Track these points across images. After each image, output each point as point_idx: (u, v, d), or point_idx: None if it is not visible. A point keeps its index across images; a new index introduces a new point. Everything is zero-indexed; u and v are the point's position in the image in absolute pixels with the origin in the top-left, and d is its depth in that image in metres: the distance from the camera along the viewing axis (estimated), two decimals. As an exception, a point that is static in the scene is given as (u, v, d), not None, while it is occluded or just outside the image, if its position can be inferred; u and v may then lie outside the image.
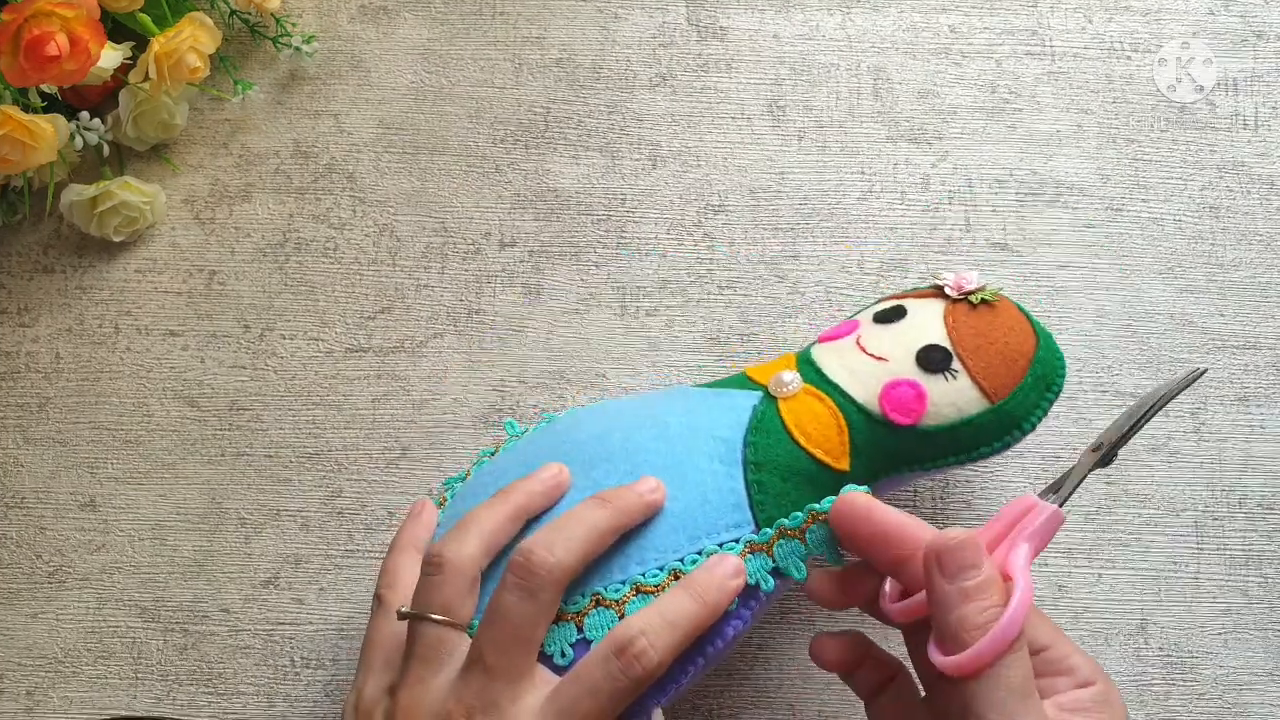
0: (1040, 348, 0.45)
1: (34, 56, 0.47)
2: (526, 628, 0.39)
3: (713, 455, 0.43)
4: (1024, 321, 0.46)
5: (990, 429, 0.44)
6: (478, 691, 0.38)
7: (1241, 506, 0.52)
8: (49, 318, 0.55)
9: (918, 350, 0.45)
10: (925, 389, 0.44)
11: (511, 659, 0.39)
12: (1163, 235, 0.55)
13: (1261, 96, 0.57)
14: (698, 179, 0.56)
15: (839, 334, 0.47)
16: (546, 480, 0.43)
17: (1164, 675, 0.51)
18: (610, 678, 0.38)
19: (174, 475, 0.54)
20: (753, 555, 0.41)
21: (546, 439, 0.46)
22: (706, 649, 0.41)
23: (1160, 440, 0.53)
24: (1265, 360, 0.54)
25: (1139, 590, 0.52)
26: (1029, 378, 0.45)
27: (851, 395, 0.44)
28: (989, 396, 0.44)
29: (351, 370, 0.55)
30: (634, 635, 0.38)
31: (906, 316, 0.46)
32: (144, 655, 0.52)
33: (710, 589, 0.40)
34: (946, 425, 0.44)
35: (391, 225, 0.56)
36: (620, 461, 0.43)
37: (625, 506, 0.41)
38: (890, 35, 0.58)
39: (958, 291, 0.46)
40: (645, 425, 0.45)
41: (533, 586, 0.39)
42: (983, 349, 0.45)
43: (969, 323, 0.45)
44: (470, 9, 0.58)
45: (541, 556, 0.39)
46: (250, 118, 0.57)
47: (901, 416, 0.44)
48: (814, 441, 0.43)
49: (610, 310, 0.55)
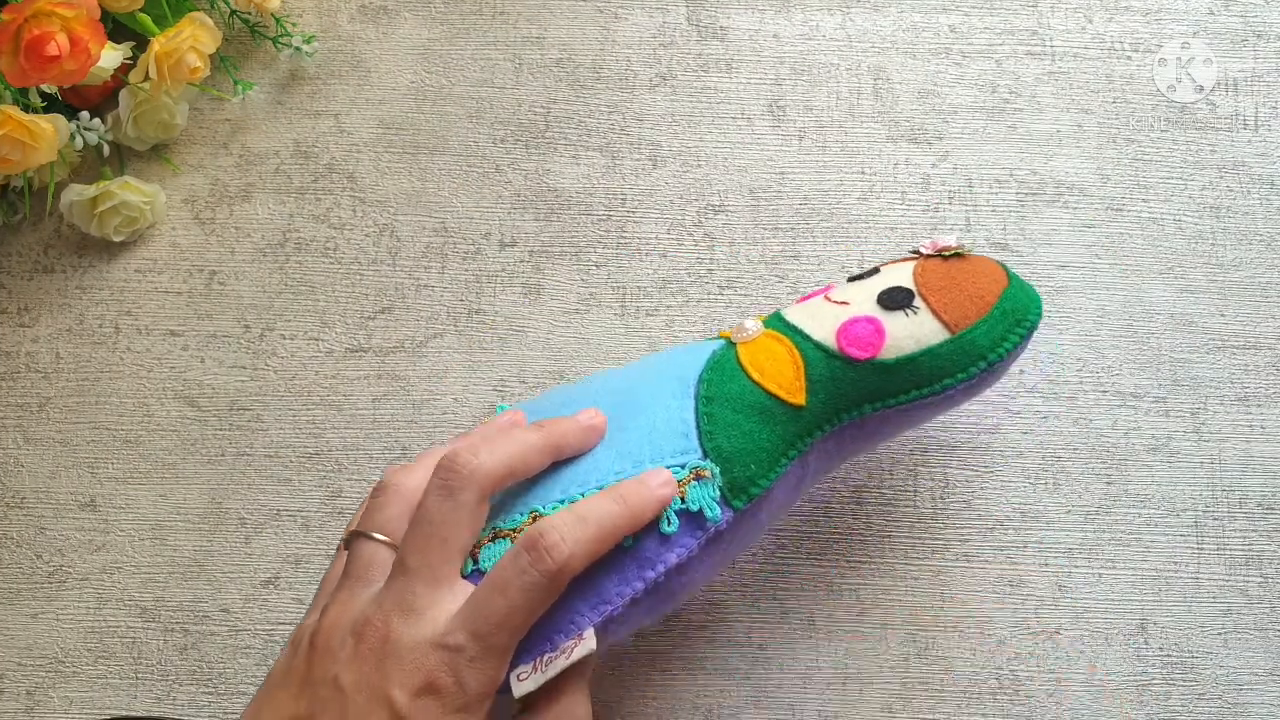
0: (1012, 287, 0.45)
1: (34, 56, 0.47)
2: (445, 527, 0.39)
3: (667, 391, 0.44)
4: (996, 268, 0.46)
5: (952, 359, 0.43)
6: (397, 595, 0.38)
7: (1241, 506, 0.52)
8: (49, 318, 0.55)
9: (879, 292, 0.45)
10: (884, 324, 0.44)
11: (429, 560, 0.39)
12: (1163, 235, 0.55)
13: (1261, 96, 0.57)
14: (698, 179, 0.56)
15: (811, 295, 0.47)
16: (501, 422, 0.44)
17: (1164, 675, 0.51)
18: (520, 572, 0.38)
19: (174, 475, 0.54)
20: (698, 482, 0.41)
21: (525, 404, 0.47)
22: (646, 572, 0.40)
23: (1160, 440, 0.53)
24: (1265, 360, 0.54)
25: (1139, 590, 0.52)
26: (996, 310, 0.44)
27: (809, 334, 0.44)
28: (949, 328, 0.43)
29: (351, 370, 0.55)
30: (545, 529, 0.38)
31: (879, 274, 0.46)
32: (144, 655, 0.52)
33: (632, 492, 0.40)
34: (906, 356, 0.43)
35: (391, 225, 0.56)
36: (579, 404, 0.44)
37: (561, 430, 0.42)
38: (890, 35, 0.58)
39: (932, 249, 0.46)
40: (611, 378, 0.46)
41: (453, 485, 0.39)
42: (947, 288, 0.44)
43: (937, 269, 0.45)
44: (470, 9, 0.58)
45: (465, 458, 0.39)
46: (250, 118, 0.57)
47: (858, 351, 0.43)
48: (768, 377, 0.43)
49: (610, 310, 0.55)
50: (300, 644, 0.40)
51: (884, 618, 0.51)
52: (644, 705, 0.51)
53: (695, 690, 0.51)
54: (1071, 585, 0.52)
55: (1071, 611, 0.51)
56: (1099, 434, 0.53)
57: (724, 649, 0.51)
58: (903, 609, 0.51)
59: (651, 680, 0.51)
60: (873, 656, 0.51)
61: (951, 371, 0.43)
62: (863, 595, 0.51)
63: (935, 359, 0.43)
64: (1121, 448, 0.53)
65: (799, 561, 0.52)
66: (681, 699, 0.51)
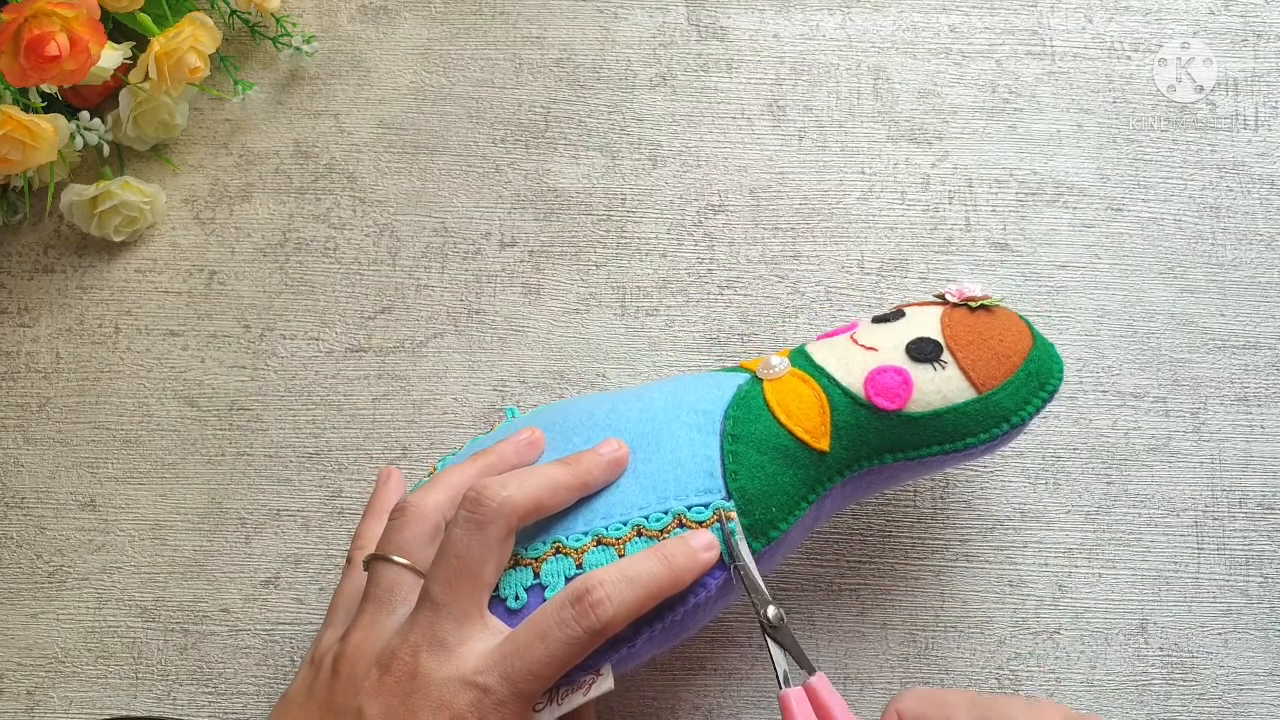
0: (1037, 348, 0.45)
1: (34, 56, 0.47)
2: (474, 562, 0.39)
3: (691, 425, 0.43)
4: (1022, 325, 0.46)
5: (977, 419, 0.44)
6: (425, 629, 0.38)
7: (1241, 506, 0.52)
8: (49, 318, 0.55)
9: (908, 342, 0.45)
10: (912, 376, 0.44)
11: (458, 595, 0.38)
12: (1163, 235, 0.55)
13: (1261, 96, 0.57)
14: (698, 179, 0.56)
15: (835, 332, 0.47)
16: (518, 441, 0.44)
17: (1164, 675, 0.51)
18: (563, 624, 0.38)
19: (174, 475, 0.54)
20: (719, 523, 0.41)
21: (538, 416, 0.47)
22: (666, 613, 0.40)
23: (1160, 440, 0.53)
24: (1265, 360, 0.54)
25: (1139, 590, 0.52)
26: (1021, 373, 0.44)
27: (837, 378, 0.44)
28: (976, 387, 0.44)
29: (351, 370, 0.55)
30: (593, 585, 0.38)
31: (905, 318, 0.46)
32: (144, 655, 0.52)
33: (679, 555, 0.40)
34: (931, 412, 0.43)
35: (391, 225, 0.56)
36: (602, 430, 0.44)
37: (587, 466, 0.42)
38: (890, 35, 0.58)
39: (958, 298, 0.46)
40: (630, 400, 0.45)
41: (481, 519, 0.39)
42: (975, 344, 0.44)
43: (965, 322, 0.45)
44: (470, 9, 0.58)
45: (494, 492, 0.39)
46: (250, 118, 0.57)
47: (886, 401, 0.43)
48: (794, 419, 0.43)
49: (610, 310, 0.55)
50: (322, 666, 0.40)
51: (884, 618, 0.51)
52: (644, 705, 0.51)
53: (695, 690, 0.51)
54: (1071, 585, 0.52)
55: (1071, 611, 0.51)
56: (1099, 434, 0.53)
57: (724, 649, 0.51)
58: (903, 609, 0.51)
59: (652, 680, 0.51)
60: (873, 656, 0.51)
61: (975, 431, 0.44)
62: (863, 595, 0.51)
63: (960, 417, 0.43)
64: (1121, 448, 0.53)
65: (799, 561, 0.52)
66: (681, 699, 0.51)
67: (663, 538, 0.41)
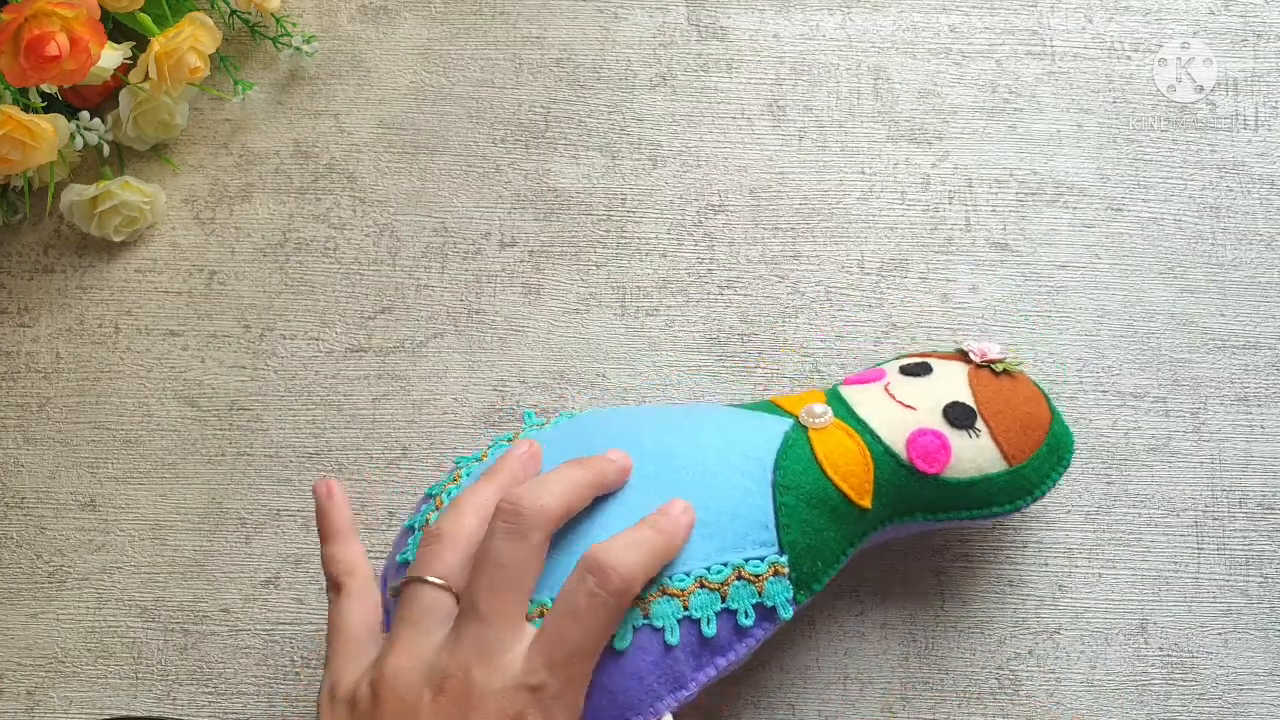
0: (1055, 421, 0.47)
1: (34, 56, 0.47)
2: (517, 570, 0.39)
3: (744, 472, 0.44)
4: (1040, 396, 0.48)
5: (1005, 490, 0.46)
6: (472, 642, 0.38)
7: (1241, 506, 0.52)
8: (49, 318, 0.55)
9: (945, 405, 0.46)
10: (950, 442, 0.45)
11: (504, 604, 0.39)
12: (1163, 235, 0.55)
13: (1261, 96, 0.57)
14: (698, 179, 0.56)
15: (866, 379, 0.48)
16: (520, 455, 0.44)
17: (1164, 675, 0.51)
18: (590, 595, 0.38)
19: (174, 475, 0.54)
20: (775, 578, 0.42)
21: (570, 431, 0.46)
22: (718, 660, 0.42)
23: (1160, 440, 0.53)
24: (1265, 360, 0.54)
25: (1139, 590, 0.52)
26: (1044, 448, 0.47)
27: (880, 436, 0.45)
28: (1008, 459, 0.46)
29: (351, 370, 0.55)
30: (600, 555, 0.39)
31: (933, 373, 0.48)
32: (144, 655, 0.52)
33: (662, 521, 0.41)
34: (967, 480, 0.45)
35: (391, 225, 0.56)
36: (651, 462, 0.44)
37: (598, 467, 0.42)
38: (890, 35, 0.58)
39: (981, 358, 0.48)
40: (676, 431, 0.45)
41: (521, 528, 0.39)
42: (1004, 413, 0.46)
43: (992, 387, 0.47)
44: (470, 9, 0.58)
45: (529, 500, 0.40)
46: (250, 118, 0.57)
47: (927, 465, 0.45)
48: (841, 474, 0.44)
49: (610, 310, 0.55)
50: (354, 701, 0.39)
51: (884, 618, 0.51)
52: (644, 705, 0.51)
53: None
54: (1071, 585, 0.52)
55: (1071, 611, 0.51)
56: (1099, 434, 0.53)
57: (724, 649, 0.51)
58: (903, 609, 0.51)
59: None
60: (873, 656, 0.51)
61: (1001, 501, 0.46)
62: (863, 595, 0.51)
63: (991, 487, 0.46)
64: (1121, 448, 0.53)
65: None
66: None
67: (722, 590, 0.42)
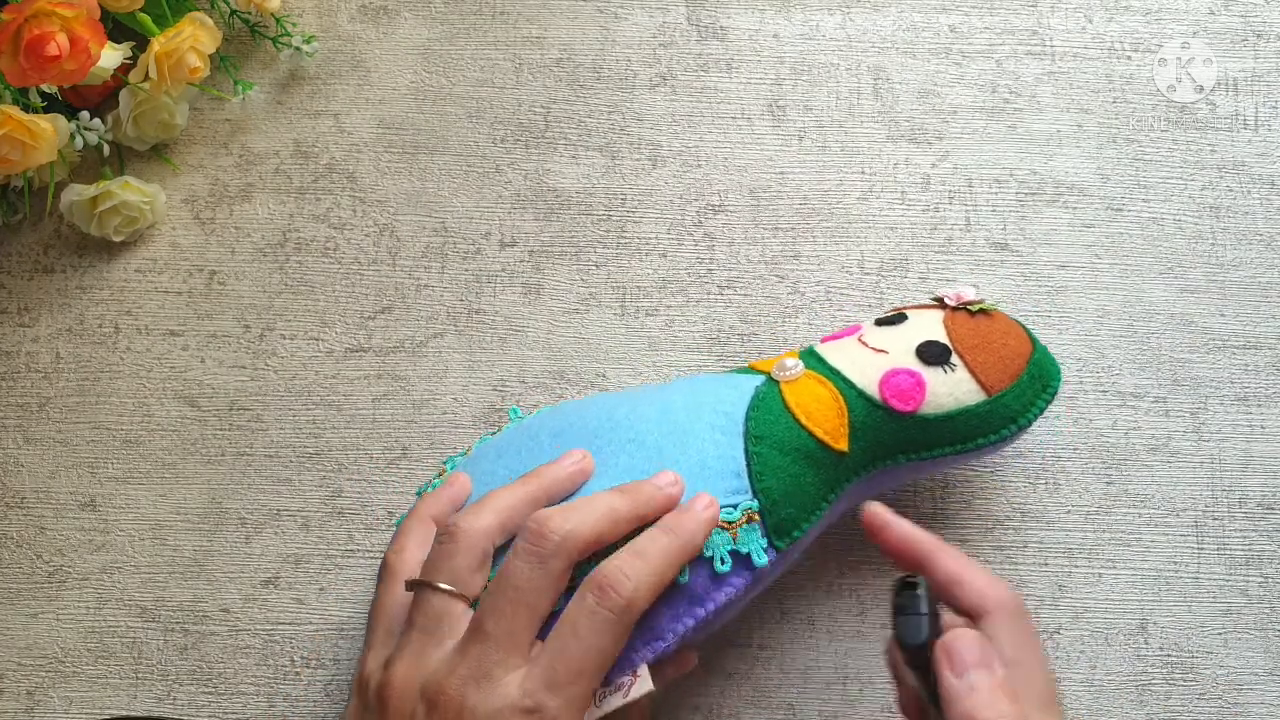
0: (1036, 351, 0.47)
1: (34, 56, 0.47)
2: (532, 595, 0.38)
3: (714, 426, 0.44)
4: (1020, 329, 0.48)
5: (987, 420, 0.45)
6: (474, 661, 0.38)
7: (1241, 506, 0.52)
8: (49, 318, 0.55)
9: (917, 344, 0.46)
10: (924, 378, 0.45)
11: (512, 627, 0.38)
12: (1163, 235, 0.55)
13: (1261, 96, 0.57)
14: (698, 179, 0.56)
15: (841, 335, 0.48)
16: (569, 466, 0.43)
17: (1164, 675, 0.51)
18: (590, 613, 0.38)
19: (174, 475, 0.54)
20: (749, 525, 0.42)
21: (550, 417, 0.47)
22: (696, 610, 0.41)
23: (1160, 440, 0.53)
24: (1265, 360, 0.54)
25: (1139, 590, 0.52)
26: (1025, 375, 0.46)
27: (852, 380, 0.45)
28: (986, 389, 0.45)
29: (351, 370, 0.55)
30: (607, 569, 0.38)
31: (907, 321, 0.48)
32: (144, 655, 0.52)
33: (680, 522, 0.40)
34: (944, 414, 0.45)
35: (391, 225, 0.56)
36: (623, 431, 0.44)
37: (646, 498, 0.41)
38: (890, 35, 0.58)
39: (957, 301, 0.48)
40: (650, 402, 0.46)
41: (544, 553, 0.38)
42: (980, 348, 0.46)
43: (967, 325, 0.47)
44: (470, 9, 0.58)
45: (556, 524, 0.39)
46: (250, 118, 0.57)
47: (901, 403, 0.45)
48: (814, 420, 0.44)
49: (610, 310, 0.55)
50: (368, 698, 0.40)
51: (884, 618, 0.51)
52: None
53: (695, 690, 0.51)
54: (1071, 585, 0.52)
55: (1071, 611, 0.51)
56: (1099, 434, 0.53)
57: (724, 649, 0.51)
58: (903, 609, 0.51)
59: (651, 680, 0.51)
60: (873, 656, 0.51)
61: (985, 432, 0.46)
62: (863, 595, 0.51)
63: (972, 419, 0.45)
64: (1121, 448, 0.53)
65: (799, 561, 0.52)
66: (681, 699, 0.51)
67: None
